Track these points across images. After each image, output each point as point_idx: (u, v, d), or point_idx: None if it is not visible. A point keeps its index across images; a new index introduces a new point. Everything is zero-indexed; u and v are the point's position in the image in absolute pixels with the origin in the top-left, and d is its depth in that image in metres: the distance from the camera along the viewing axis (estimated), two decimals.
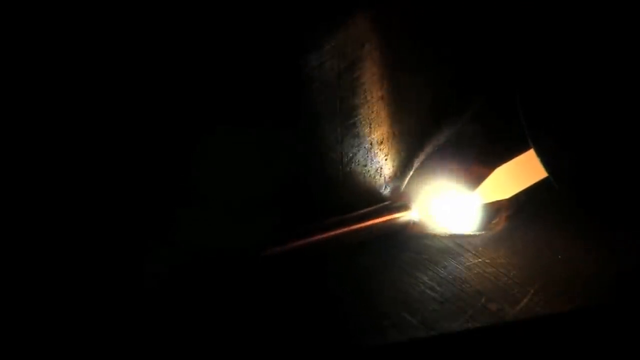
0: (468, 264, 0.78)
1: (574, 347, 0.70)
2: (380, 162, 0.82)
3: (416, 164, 0.86)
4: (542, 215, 0.85)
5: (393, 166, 0.84)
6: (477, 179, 0.86)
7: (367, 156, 0.81)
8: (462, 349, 0.69)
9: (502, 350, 0.70)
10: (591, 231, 0.82)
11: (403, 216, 0.81)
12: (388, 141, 0.82)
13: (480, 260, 0.79)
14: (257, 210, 0.76)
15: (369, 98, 0.78)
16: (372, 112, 0.79)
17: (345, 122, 0.78)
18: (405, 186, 0.85)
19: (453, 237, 0.82)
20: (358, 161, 0.80)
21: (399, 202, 0.82)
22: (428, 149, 0.87)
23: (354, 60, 0.76)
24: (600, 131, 0.75)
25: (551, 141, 0.77)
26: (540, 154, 0.77)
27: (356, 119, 0.78)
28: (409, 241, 0.81)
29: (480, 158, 0.87)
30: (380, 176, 0.83)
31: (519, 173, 0.84)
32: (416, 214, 0.83)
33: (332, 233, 0.78)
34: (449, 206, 0.84)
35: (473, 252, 0.80)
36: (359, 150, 0.80)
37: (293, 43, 0.72)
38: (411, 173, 0.86)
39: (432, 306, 0.71)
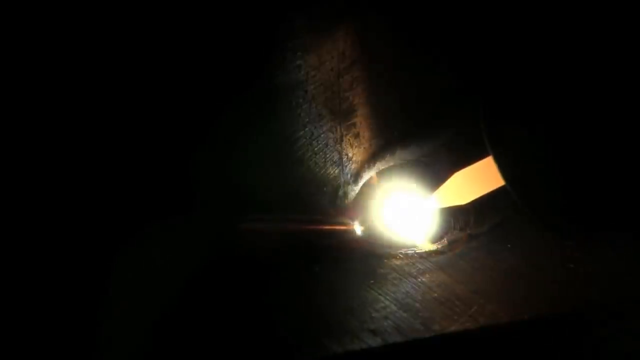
0: (467, 264, 0.78)
1: (574, 347, 0.71)
2: (379, 162, 0.82)
3: (415, 165, 0.86)
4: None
5: (392, 166, 0.84)
6: None
7: (367, 156, 0.81)
8: (462, 349, 0.69)
9: (502, 350, 0.70)
10: (589, 231, 0.82)
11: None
12: (387, 142, 0.82)
13: (479, 261, 0.79)
14: (256, 210, 0.76)
15: (369, 98, 0.78)
16: (372, 112, 0.79)
17: (345, 122, 0.78)
18: (404, 185, 0.85)
19: (451, 237, 0.83)
20: (358, 161, 0.80)
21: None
22: (426, 151, 0.87)
23: (354, 60, 0.76)
24: (560, 140, 0.74)
25: (510, 149, 0.77)
26: (499, 161, 0.76)
27: (356, 119, 0.78)
28: (407, 243, 0.81)
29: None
30: (380, 176, 0.83)
31: (477, 179, 0.82)
32: (411, 217, 0.83)
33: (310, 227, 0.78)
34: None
35: (472, 252, 0.80)
36: (358, 150, 0.80)
37: (294, 43, 0.72)
38: (410, 173, 0.86)
39: (432, 306, 0.71)
